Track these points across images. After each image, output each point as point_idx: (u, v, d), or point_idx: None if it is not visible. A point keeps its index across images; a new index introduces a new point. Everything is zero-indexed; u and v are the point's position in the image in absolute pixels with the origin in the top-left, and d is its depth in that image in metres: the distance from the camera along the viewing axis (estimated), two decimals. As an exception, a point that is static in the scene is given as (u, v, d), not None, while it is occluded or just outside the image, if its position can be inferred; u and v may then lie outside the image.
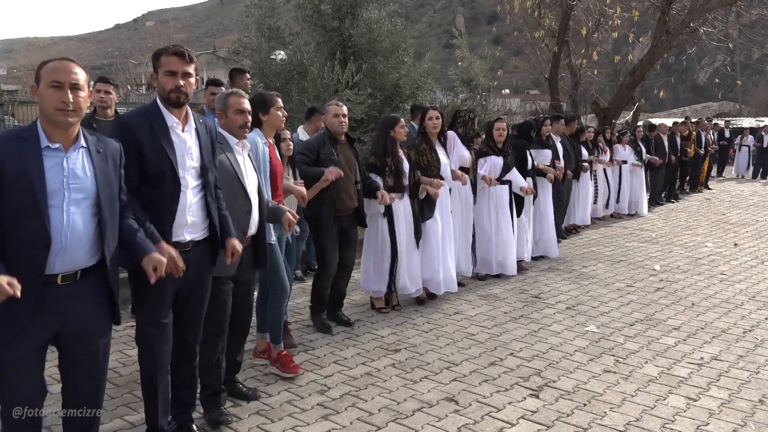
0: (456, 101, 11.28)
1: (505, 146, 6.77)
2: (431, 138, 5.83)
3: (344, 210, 5.01)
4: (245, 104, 3.56)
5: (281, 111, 4.13)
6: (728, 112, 34.09)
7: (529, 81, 52.69)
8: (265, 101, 4.09)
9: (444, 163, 5.88)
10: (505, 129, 6.72)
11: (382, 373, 4.26)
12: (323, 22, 9.52)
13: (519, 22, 16.82)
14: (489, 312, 5.65)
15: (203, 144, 3.12)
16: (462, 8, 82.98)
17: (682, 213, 11.79)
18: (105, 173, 2.58)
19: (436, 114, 5.80)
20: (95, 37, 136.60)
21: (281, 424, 3.54)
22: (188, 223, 3.04)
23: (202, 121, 3.17)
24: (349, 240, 5.18)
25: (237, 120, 3.52)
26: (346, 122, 5.00)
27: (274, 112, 4.08)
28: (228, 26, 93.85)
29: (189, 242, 3.06)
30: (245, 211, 3.49)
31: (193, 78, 3.03)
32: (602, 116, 13.47)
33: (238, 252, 3.21)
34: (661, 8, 12.78)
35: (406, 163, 5.48)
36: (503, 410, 3.73)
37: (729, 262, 7.78)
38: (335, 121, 4.94)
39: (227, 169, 3.41)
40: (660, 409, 3.78)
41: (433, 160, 5.76)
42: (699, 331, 5.18)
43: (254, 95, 4.20)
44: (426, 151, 5.77)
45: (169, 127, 3.01)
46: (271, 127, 4.15)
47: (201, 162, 3.09)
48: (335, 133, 4.98)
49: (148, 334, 3.09)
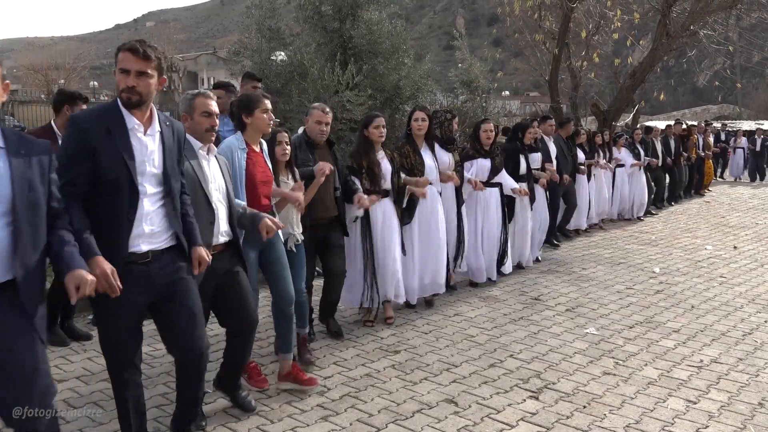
0: (456, 103, 11.28)
1: (492, 148, 6.53)
2: (416, 140, 5.63)
3: (320, 219, 4.67)
4: (213, 106, 3.33)
5: (268, 114, 3.85)
6: (728, 115, 34.07)
7: (529, 83, 52.75)
8: (249, 102, 3.84)
9: (430, 166, 5.63)
10: (492, 130, 6.48)
11: (381, 375, 4.26)
12: (324, 23, 9.51)
13: (519, 24, 16.81)
14: (488, 314, 5.65)
15: (167, 148, 2.88)
16: (462, 10, 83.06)
17: (682, 215, 11.79)
18: (25, 177, 2.34)
19: (422, 115, 5.58)
20: (95, 37, 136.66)
21: (281, 425, 3.53)
22: (145, 233, 2.81)
23: (169, 123, 2.94)
24: (330, 245, 4.83)
25: (203, 123, 3.29)
26: (328, 131, 4.68)
27: (260, 115, 3.81)
28: (228, 27, 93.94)
29: (148, 253, 2.83)
30: (208, 221, 3.26)
31: (152, 78, 2.77)
32: (602, 118, 13.46)
33: (205, 261, 3.03)
34: (662, 11, 12.78)
35: (386, 165, 5.21)
36: (503, 412, 3.73)
37: (728, 264, 7.78)
38: (316, 128, 4.61)
39: (189, 176, 3.17)
40: (659, 411, 3.78)
41: (417, 163, 5.51)
42: (698, 334, 5.18)
43: (240, 96, 3.96)
44: (410, 153, 5.53)
45: (129, 129, 2.77)
46: (256, 131, 3.87)
47: (164, 168, 2.86)
48: (314, 139, 4.66)
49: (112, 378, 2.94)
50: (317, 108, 4.66)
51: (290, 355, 4.00)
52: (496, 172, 6.49)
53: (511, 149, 7.06)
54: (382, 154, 5.22)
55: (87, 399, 3.84)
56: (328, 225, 4.76)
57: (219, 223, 3.33)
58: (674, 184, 12.93)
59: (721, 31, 14.29)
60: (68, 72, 34.06)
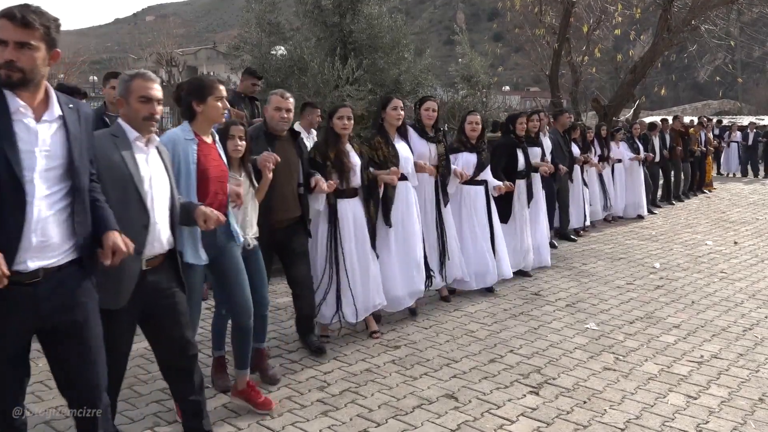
0: (456, 97, 11.28)
1: (479, 142, 6.00)
2: (389, 130, 5.12)
3: (281, 222, 4.14)
4: (154, 91, 2.81)
5: (222, 102, 3.40)
6: (728, 111, 34.06)
7: (529, 78, 52.61)
8: (201, 88, 3.38)
9: (405, 158, 5.12)
10: (479, 123, 5.93)
11: (381, 370, 4.26)
12: (324, 17, 9.50)
13: (519, 19, 16.78)
14: (489, 309, 5.64)
15: (73, 136, 2.35)
16: (462, 4, 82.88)
17: (682, 211, 11.78)
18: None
19: (400, 104, 5.11)
20: (95, 31, 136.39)
21: (281, 420, 3.53)
22: (33, 246, 2.24)
23: (72, 105, 2.40)
24: (292, 252, 4.31)
25: (140, 110, 2.78)
26: (290, 119, 4.20)
27: (213, 103, 3.36)
28: (228, 21, 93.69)
29: (38, 271, 2.26)
30: (141, 224, 2.72)
31: (38, 51, 2.23)
32: (603, 114, 13.45)
33: (120, 249, 2.41)
34: (663, 5, 12.76)
35: (355, 159, 4.69)
36: (503, 407, 3.73)
37: (729, 260, 7.78)
38: (276, 116, 4.13)
39: (119, 171, 2.69)
40: (660, 407, 3.77)
41: (390, 155, 5.00)
42: (699, 329, 5.18)
43: (191, 79, 3.58)
44: (380, 144, 5.02)
45: (12, 113, 2.22)
46: (207, 121, 3.41)
47: (70, 160, 2.33)
48: (274, 129, 4.17)
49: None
50: (276, 93, 4.20)
51: (246, 372, 3.67)
52: (482, 168, 5.98)
53: (506, 143, 6.61)
54: (350, 148, 4.72)
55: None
56: (289, 228, 4.25)
57: (157, 229, 2.79)
58: (669, 182, 12.43)
59: (722, 26, 14.26)
60: (67, 66, 33.91)
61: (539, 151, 7.40)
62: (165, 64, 40.72)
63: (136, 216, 2.71)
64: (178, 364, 2.98)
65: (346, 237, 4.63)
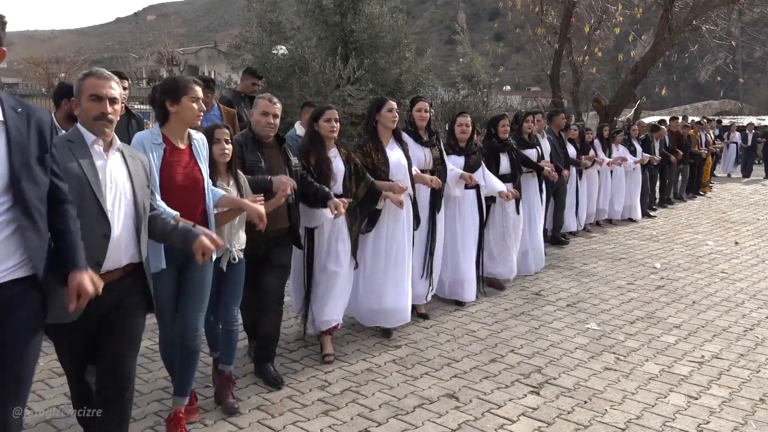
0: (457, 97, 11.28)
1: (469, 145, 5.70)
2: (382, 135, 4.80)
3: (267, 233, 3.72)
4: (105, 89, 2.60)
5: (198, 103, 3.20)
6: (729, 111, 34.06)
7: (530, 78, 52.63)
8: (175, 87, 3.19)
9: (397, 164, 4.78)
10: (468, 125, 5.64)
11: (382, 369, 4.26)
12: (325, 17, 9.50)
13: (521, 19, 16.79)
14: (489, 308, 5.64)
15: (15, 142, 2.16)
16: (463, 4, 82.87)
17: (683, 211, 11.77)
18: None
19: (395, 105, 4.80)
20: (96, 30, 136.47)
21: (282, 419, 3.53)
22: None
23: (21, 110, 2.23)
24: (268, 264, 3.97)
25: (91, 109, 2.57)
26: (276, 124, 3.95)
27: (187, 104, 3.15)
28: (229, 21, 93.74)
29: None
30: (101, 234, 2.53)
31: None
32: (603, 114, 13.45)
33: (86, 292, 2.28)
34: (664, 6, 12.75)
35: (339, 165, 4.39)
36: (504, 407, 3.73)
37: (730, 260, 7.78)
38: (262, 121, 3.89)
39: (76, 178, 2.51)
40: (661, 407, 3.77)
41: (380, 162, 4.69)
42: (700, 330, 5.18)
43: (165, 79, 3.37)
44: (371, 151, 4.72)
45: None
46: (182, 123, 3.20)
47: (9, 169, 2.13)
48: (260, 135, 3.93)
49: None
50: (263, 98, 3.96)
51: (183, 400, 3.35)
52: (471, 172, 5.58)
53: (488, 147, 6.21)
54: (335, 152, 4.42)
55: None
56: (275, 240, 3.96)
57: (117, 240, 2.59)
58: (663, 184, 12.04)
59: (723, 27, 14.24)
60: (69, 65, 33.98)
61: (535, 153, 7.05)
62: (166, 63, 40.77)
63: (95, 225, 2.52)
64: (109, 394, 2.72)
65: (320, 247, 4.37)
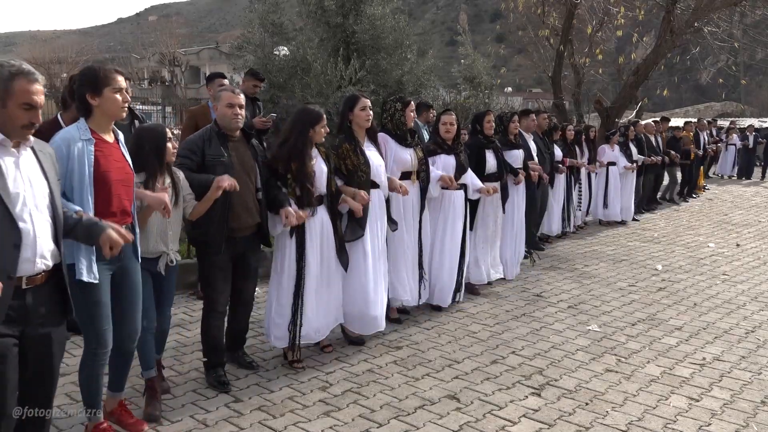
0: (459, 98, 11.29)
1: (455, 143, 5.56)
2: (358, 134, 4.60)
3: (241, 229, 3.84)
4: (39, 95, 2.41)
5: (122, 94, 2.99)
6: (731, 113, 34.02)
7: (532, 79, 52.58)
8: (95, 79, 2.94)
9: (377, 165, 4.64)
10: (453, 123, 5.50)
11: (383, 370, 4.26)
12: (327, 17, 9.50)
13: (522, 20, 16.78)
14: (491, 310, 5.64)
15: None
16: (465, 5, 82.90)
17: (684, 213, 11.77)
18: None
19: (368, 103, 4.58)
20: (98, 30, 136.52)
21: (283, 420, 3.53)
22: None
23: None
24: (246, 268, 4.00)
25: (20, 118, 2.37)
26: (243, 115, 3.82)
27: (110, 95, 2.94)
28: (231, 21, 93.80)
29: None
30: (11, 243, 2.32)
31: None
32: (605, 115, 13.43)
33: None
34: (666, 7, 12.74)
35: (321, 166, 4.21)
36: (505, 408, 3.73)
37: (731, 262, 7.77)
38: (228, 113, 3.76)
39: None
40: (662, 409, 3.77)
41: (360, 164, 4.49)
42: (701, 332, 5.17)
43: (83, 69, 3.09)
44: (348, 152, 4.50)
45: None
46: (106, 117, 2.99)
47: None
48: (226, 128, 3.80)
49: None
50: (226, 89, 3.86)
51: (119, 394, 3.37)
52: (463, 170, 5.52)
53: (473, 144, 6.05)
54: (316, 152, 4.24)
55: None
56: (248, 239, 3.95)
57: (37, 244, 2.41)
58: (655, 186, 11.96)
59: (725, 28, 14.23)
60: (71, 66, 34.01)
61: (520, 154, 6.81)
62: (168, 64, 40.79)
63: (4, 234, 2.30)
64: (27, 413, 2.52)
65: (311, 251, 4.17)
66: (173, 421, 3.48)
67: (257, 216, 3.95)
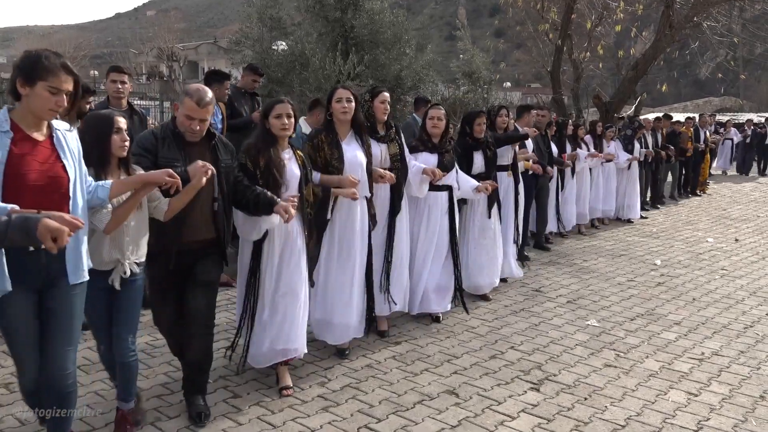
0: (458, 93, 11.28)
1: (443, 141, 5.14)
2: (338, 127, 4.31)
3: (190, 244, 3.32)
4: None
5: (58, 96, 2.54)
6: (730, 108, 34.01)
7: (530, 74, 52.45)
8: (31, 66, 2.51)
9: (352, 162, 4.28)
10: (441, 119, 5.09)
11: (382, 366, 4.26)
12: (325, 12, 9.49)
13: (521, 15, 16.75)
14: (489, 305, 5.64)
15: None
16: (464, 0, 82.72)
17: (683, 208, 11.77)
18: None
19: (346, 95, 4.26)
20: (95, 25, 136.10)
21: (282, 415, 3.53)
22: None
23: None
24: (193, 281, 3.38)
25: None
26: (203, 130, 3.33)
27: (41, 92, 2.50)
28: (229, 16, 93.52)
29: None
30: None
31: None
32: (604, 110, 13.42)
33: None
34: (665, 2, 12.73)
35: (293, 170, 3.80)
36: (504, 403, 3.73)
37: (730, 257, 7.78)
38: (185, 124, 3.30)
39: None
40: (661, 403, 3.77)
41: (333, 158, 4.21)
42: (700, 327, 5.18)
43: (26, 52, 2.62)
44: (323, 144, 4.24)
45: None
46: (29, 114, 2.55)
47: None
48: (185, 133, 3.34)
49: None
50: (191, 95, 3.27)
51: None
52: (445, 170, 5.03)
53: (460, 145, 5.61)
54: (290, 155, 3.85)
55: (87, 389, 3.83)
56: (199, 252, 3.39)
57: None
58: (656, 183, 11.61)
59: (724, 23, 14.21)
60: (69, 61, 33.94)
61: (509, 150, 6.40)
62: (166, 59, 40.65)
63: None
64: None
65: (270, 261, 3.77)
66: (171, 417, 3.47)
67: (210, 230, 3.40)
